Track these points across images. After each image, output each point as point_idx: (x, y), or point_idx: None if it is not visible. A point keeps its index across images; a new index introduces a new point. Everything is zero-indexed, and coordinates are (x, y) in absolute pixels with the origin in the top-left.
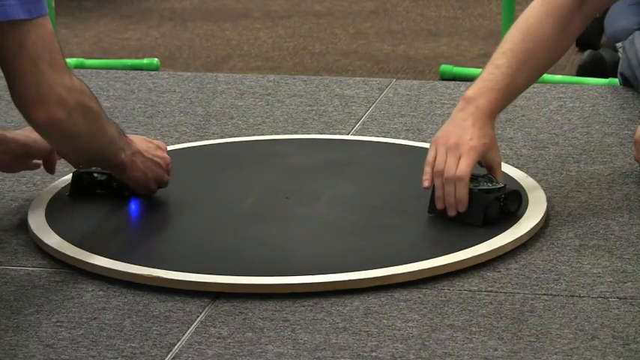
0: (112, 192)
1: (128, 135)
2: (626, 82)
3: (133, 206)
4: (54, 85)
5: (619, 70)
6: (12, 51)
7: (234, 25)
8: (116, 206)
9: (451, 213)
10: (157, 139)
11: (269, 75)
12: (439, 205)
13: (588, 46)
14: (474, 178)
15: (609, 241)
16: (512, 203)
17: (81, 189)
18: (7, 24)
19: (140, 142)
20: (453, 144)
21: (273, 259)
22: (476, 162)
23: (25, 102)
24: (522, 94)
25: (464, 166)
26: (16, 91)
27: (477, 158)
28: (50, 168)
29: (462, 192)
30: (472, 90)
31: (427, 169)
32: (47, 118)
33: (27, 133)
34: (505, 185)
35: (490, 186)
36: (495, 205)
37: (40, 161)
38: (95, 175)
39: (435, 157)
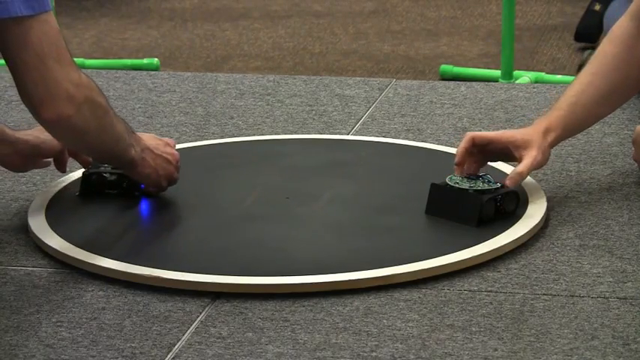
0: (122, 192)
1: (137, 133)
2: None
3: (133, 206)
4: (62, 81)
5: None
6: (17, 48)
7: (234, 25)
8: (117, 207)
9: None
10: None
11: (269, 75)
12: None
13: (588, 40)
14: (471, 178)
15: (609, 241)
16: (509, 203)
17: (91, 189)
18: (10, 20)
19: (149, 139)
20: None
21: (273, 259)
22: (493, 136)
23: (33, 100)
24: (524, 94)
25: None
26: (24, 89)
27: (497, 135)
28: (61, 166)
29: (460, 146)
30: (540, 117)
31: None
32: (56, 115)
33: (37, 134)
34: (502, 185)
35: (486, 186)
36: (491, 205)
37: (50, 159)
38: (105, 175)
39: None
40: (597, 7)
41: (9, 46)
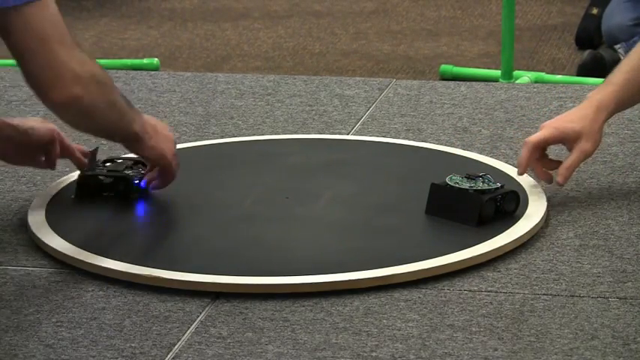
0: (119, 194)
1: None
2: None
3: (133, 206)
4: (67, 62)
5: None
6: (20, 35)
7: (234, 25)
8: (117, 206)
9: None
10: None
11: (269, 75)
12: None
13: (588, 44)
14: (471, 178)
15: (609, 241)
16: (509, 203)
17: (87, 192)
18: (12, 8)
19: (149, 119)
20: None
21: (273, 259)
22: (549, 136)
23: (41, 84)
24: (524, 94)
25: (533, 136)
26: (31, 74)
27: (552, 134)
28: (51, 163)
29: (522, 156)
30: (594, 90)
31: None
32: (66, 96)
33: (25, 121)
34: (502, 185)
35: (486, 186)
36: (491, 205)
37: (42, 157)
38: (101, 177)
39: None
40: (595, 10)
41: (12, 34)
